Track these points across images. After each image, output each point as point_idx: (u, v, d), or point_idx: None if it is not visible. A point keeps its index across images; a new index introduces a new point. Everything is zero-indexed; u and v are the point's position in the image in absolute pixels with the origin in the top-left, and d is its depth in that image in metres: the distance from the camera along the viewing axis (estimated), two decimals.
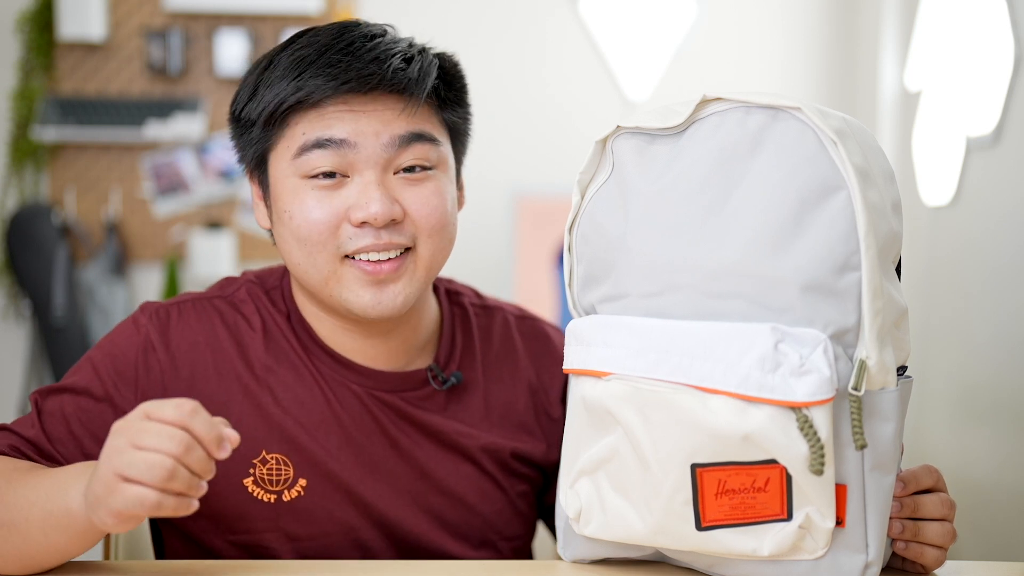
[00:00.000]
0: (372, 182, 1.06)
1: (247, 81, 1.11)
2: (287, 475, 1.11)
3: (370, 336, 1.14)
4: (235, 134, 1.13)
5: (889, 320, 0.87)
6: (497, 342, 1.24)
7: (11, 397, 3.34)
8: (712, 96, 0.91)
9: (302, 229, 1.07)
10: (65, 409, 1.08)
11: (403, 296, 1.09)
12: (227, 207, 3.42)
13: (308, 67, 1.05)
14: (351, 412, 1.13)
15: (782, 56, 3.60)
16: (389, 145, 1.07)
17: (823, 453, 0.82)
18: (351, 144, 1.06)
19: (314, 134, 1.06)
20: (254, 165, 1.12)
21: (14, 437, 1.07)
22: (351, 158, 1.06)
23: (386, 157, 1.07)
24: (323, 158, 1.06)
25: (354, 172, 1.07)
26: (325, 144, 1.05)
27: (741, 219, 0.88)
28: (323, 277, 1.08)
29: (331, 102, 1.05)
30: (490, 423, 1.19)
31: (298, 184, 1.07)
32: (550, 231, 3.47)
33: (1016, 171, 2.53)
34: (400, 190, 1.08)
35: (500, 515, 1.19)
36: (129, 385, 1.10)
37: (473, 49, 3.42)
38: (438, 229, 1.10)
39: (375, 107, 1.06)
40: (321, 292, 1.10)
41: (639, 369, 0.90)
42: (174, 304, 1.15)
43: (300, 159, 1.06)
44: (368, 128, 1.06)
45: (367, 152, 1.06)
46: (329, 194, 1.07)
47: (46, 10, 3.28)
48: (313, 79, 1.05)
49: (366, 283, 1.07)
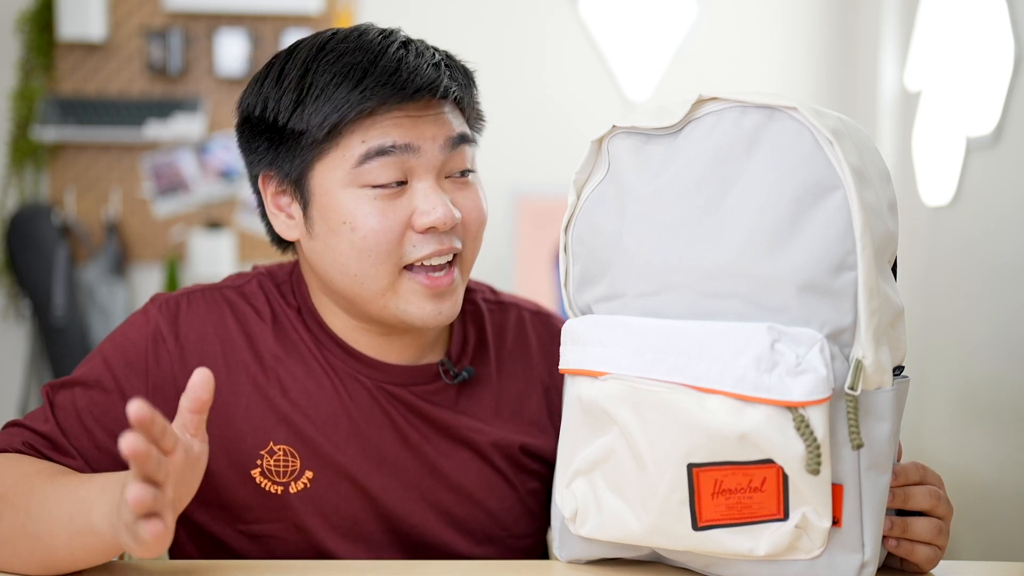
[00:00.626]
0: (433, 187, 1.07)
1: (283, 89, 1.07)
2: (294, 467, 1.11)
3: (388, 335, 1.15)
4: (266, 144, 1.09)
5: (885, 320, 0.87)
6: (511, 338, 1.24)
7: (11, 397, 3.34)
8: (708, 96, 0.91)
9: (368, 240, 1.06)
10: (77, 402, 1.09)
11: (457, 303, 1.11)
12: (227, 207, 3.42)
13: (365, 75, 1.04)
14: (360, 405, 1.13)
15: (782, 56, 3.60)
16: (444, 147, 1.08)
17: (819, 453, 0.82)
18: (414, 149, 1.06)
19: (376, 142, 1.05)
20: (295, 177, 1.08)
21: (27, 433, 1.07)
22: (411, 163, 1.06)
23: (442, 160, 1.08)
24: (385, 166, 1.05)
25: (413, 178, 1.07)
26: (389, 151, 1.05)
27: (737, 219, 0.88)
28: (380, 288, 1.08)
29: (386, 110, 1.05)
30: (501, 419, 1.19)
31: (357, 194, 1.06)
32: (550, 231, 3.47)
33: (1016, 171, 2.53)
34: (453, 194, 1.09)
35: (509, 512, 1.19)
36: (139, 375, 1.10)
37: (473, 49, 3.40)
38: (481, 232, 1.13)
39: (428, 111, 1.07)
40: (373, 304, 1.09)
41: (635, 369, 0.90)
42: (184, 295, 1.16)
43: (361, 168, 1.05)
44: (427, 132, 1.07)
45: (427, 156, 1.07)
46: (391, 202, 1.06)
47: (46, 10, 3.29)
48: (376, 88, 1.03)
49: (426, 296, 1.08)
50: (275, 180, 1.11)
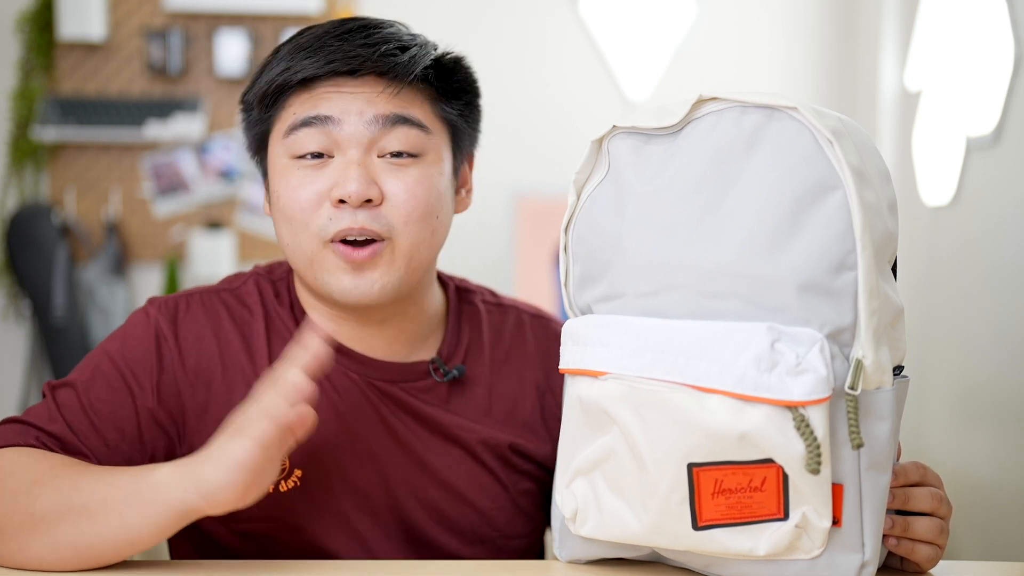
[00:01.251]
0: (353, 161, 1.08)
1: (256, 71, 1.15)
2: (283, 465, 1.11)
3: (365, 325, 1.15)
4: (242, 122, 1.17)
5: (885, 320, 0.87)
6: (508, 340, 1.24)
7: (11, 397, 3.34)
8: (708, 96, 0.91)
9: (287, 208, 1.10)
10: (83, 401, 1.09)
11: (380, 284, 1.09)
12: (227, 207, 3.42)
13: (302, 51, 1.09)
14: (349, 401, 1.14)
15: (782, 56, 3.60)
16: (372, 123, 1.08)
17: (820, 452, 0.82)
18: (336, 121, 1.08)
19: (303, 113, 1.09)
20: (255, 149, 1.16)
21: (36, 431, 1.06)
22: (335, 136, 1.08)
23: (369, 136, 1.08)
24: (309, 136, 1.08)
25: (338, 151, 1.09)
26: (311, 122, 1.08)
27: (737, 219, 0.88)
28: (307, 258, 1.10)
29: (321, 83, 1.09)
30: (492, 418, 1.19)
31: (288, 164, 1.10)
32: (550, 231, 3.47)
33: (1016, 171, 2.53)
34: (382, 174, 1.09)
35: (501, 512, 1.19)
36: (146, 372, 1.10)
37: (473, 49, 3.39)
38: (416, 218, 1.09)
39: (362, 88, 1.09)
40: (307, 274, 1.12)
41: (635, 369, 0.90)
42: (182, 297, 1.17)
43: (289, 138, 1.09)
44: (352, 106, 1.08)
45: (350, 129, 1.08)
46: (313, 173, 1.09)
47: (46, 10, 3.29)
48: (304, 60, 1.08)
49: (344, 268, 1.09)
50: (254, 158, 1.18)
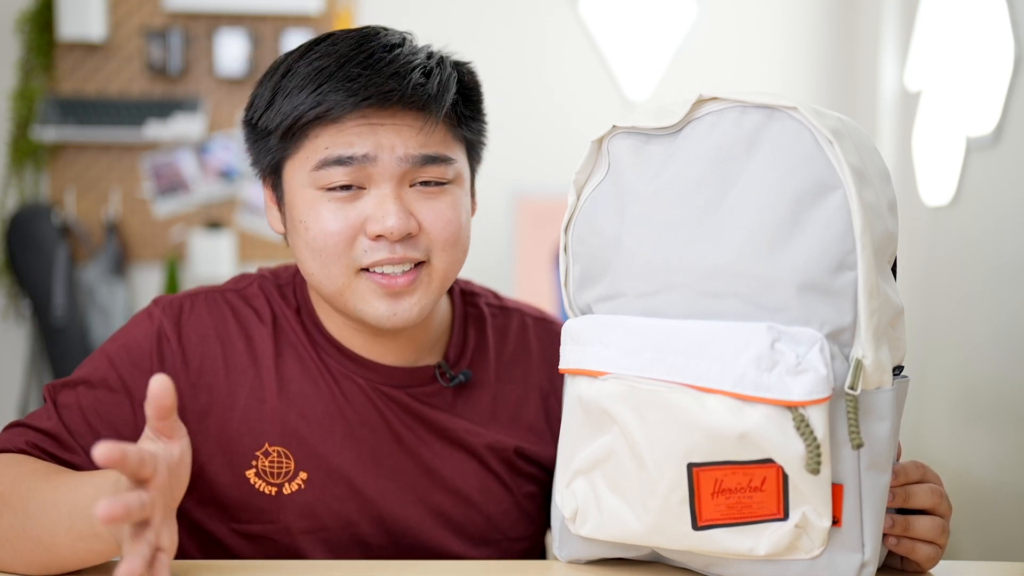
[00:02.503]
0: (388, 195, 1.06)
1: (263, 87, 1.10)
2: (288, 468, 1.11)
3: (379, 336, 1.15)
4: (250, 140, 1.13)
5: (885, 319, 0.87)
6: (512, 343, 1.24)
7: (11, 397, 3.34)
8: (708, 96, 0.91)
9: (318, 241, 1.07)
10: (81, 401, 1.09)
11: (418, 308, 1.09)
12: (227, 207, 3.42)
13: (327, 80, 1.04)
14: (356, 406, 1.14)
15: (782, 56, 3.60)
16: (403, 161, 1.06)
17: (819, 452, 0.82)
18: (370, 158, 1.05)
19: (336, 151, 1.05)
20: (269, 172, 1.12)
21: (30, 432, 1.07)
22: (368, 171, 1.06)
23: (401, 171, 1.06)
24: (341, 173, 1.05)
25: (371, 184, 1.07)
26: (347, 161, 1.05)
27: (737, 219, 0.88)
28: (338, 288, 1.08)
29: (350, 116, 1.05)
30: (497, 423, 1.19)
31: (315, 195, 1.07)
32: (550, 231, 3.47)
33: (1016, 171, 2.53)
34: (416, 203, 1.08)
35: (506, 515, 1.19)
36: (145, 375, 1.10)
37: (473, 49, 3.40)
38: (452, 242, 1.09)
39: (393, 121, 1.06)
40: (336, 300, 1.10)
41: (635, 368, 0.90)
42: (187, 297, 1.16)
43: (319, 172, 1.06)
44: (384, 141, 1.05)
45: (384, 166, 1.06)
46: (345, 206, 1.06)
47: (46, 10, 3.29)
48: (333, 94, 1.04)
49: (381, 295, 1.07)
50: (263, 176, 1.14)
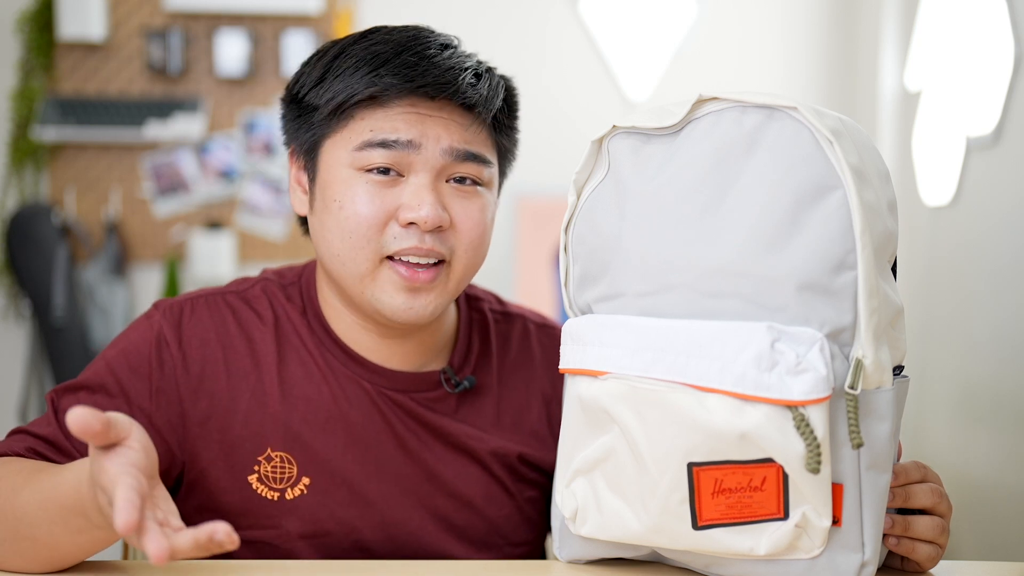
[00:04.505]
0: (426, 185, 1.07)
1: (313, 66, 1.11)
2: (290, 473, 1.11)
3: (388, 337, 1.15)
4: (290, 115, 1.13)
5: (885, 319, 0.87)
6: (515, 349, 1.24)
7: (11, 397, 3.34)
8: (708, 96, 0.91)
9: (350, 221, 1.07)
10: (81, 406, 1.08)
11: (434, 305, 1.09)
12: (227, 207, 3.42)
13: (384, 64, 1.06)
14: (359, 410, 1.13)
15: (782, 56, 3.60)
16: (447, 153, 1.07)
17: (820, 452, 0.82)
18: (415, 145, 1.06)
19: (381, 134, 1.06)
20: (305, 149, 1.12)
21: (30, 438, 1.07)
22: (411, 158, 1.07)
23: (442, 163, 1.08)
24: (383, 155, 1.06)
25: (410, 172, 1.07)
26: (391, 145, 1.06)
27: (737, 218, 0.88)
28: (360, 273, 1.08)
29: (399, 102, 1.06)
30: (501, 428, 1.19)
31: (352, 175, 1.07)
32: (550, 231, 3.47)
33: (1016, 171, 2.53)
34: (449, 199, 1.09)
35: (508, 520, 1.19)
36: (143, 380, 1.10)
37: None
38: (476, 244, 1.10)
39: (441, 114, 1.07)
40: (354, 288, 1.10)
41: (635, 368, 0.90)
42: (187, 300, 1.16)
43: (361, 153, 1.07)
44: (430, 131, 1.07)
45: (426, 155, 1.07)
46: (382, 190, 1.07)
47: (46, 10, 3.28)
48: (388, 77, 1.05)
49: (401, 287, 1.08)
50: (295, 154, 1.14)
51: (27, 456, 1.05)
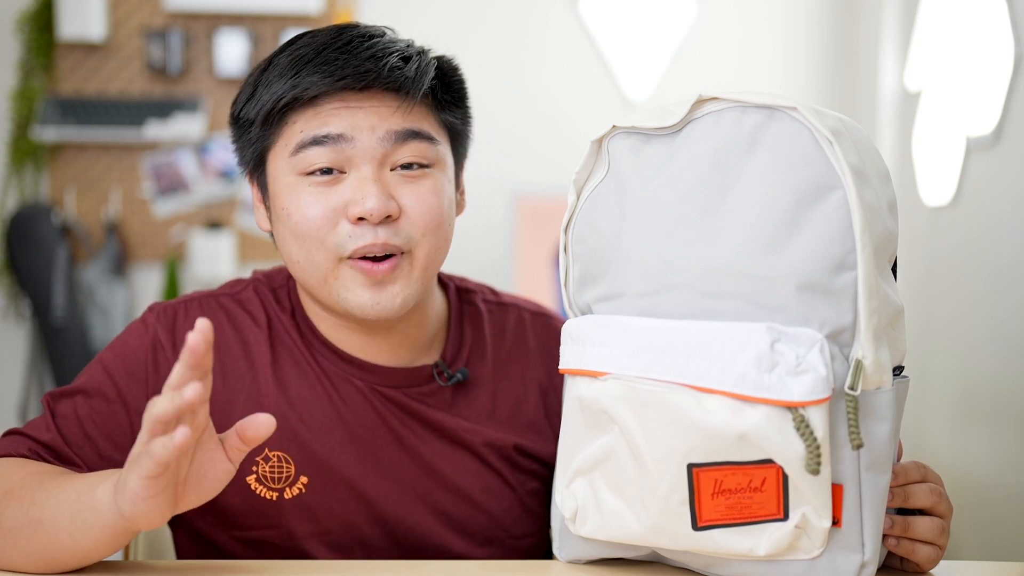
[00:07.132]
0: (368, 177, 1.06)
1: (247, 82, 1.12)
2: (288, 473, 1.11)
3: (371, 334, 1.15)
4: (235, 136, 1.14)
5: (885, 320, 0.87)
6: (510, 339, 1.24)
7: (11, 397, 3.34)
8: (708, 96, 0.91)
9: (300, 226, 1.07)
10: (79, 411, 1.09)
11: (401, 297, 1.09)
12: (227, 207, 3.42)
13: (305, 65, 1.06)
14: (354, 408, 1.13)
15: (782, 56, 3.60)
16: (384, 140, 1.07)
17: (819, 453, 0.82)
18: (347, 139, 1.06)
19: (311, 131, 1.06)
20: (253, 165, 1.12)
21: (30, 442, 1.07)
22: (348, 153, 1.06)
23: (382, 152, 1.07)
24: (320, 155, 1.06)
25: (351, 168, 1.07)
26: (322, 141, 1.06)
27: (737, 218, 0.88)
28: (321, 275, 1.08)
29: (327, 99, 1.06)
30: (497, 420, 1.19)
31: (295, 181, 1.07)
32: (550, 231, 3.47)
33: (1016, 171, 2.53)
34: (397, 187, 1.08)
35: (508, 512, 1.19)
36: (140, 384, 1.10)
37: (472, 49, 3.42)
38: (433, 228, 1.09)
39: (371, 103, 1.07)
40: (320, 291, 1.10)
41: (635, 369, 0.90)
42: (181, 303, 1.16)
43: (297, 156, 1.07)
44: (364, 123, 1.06)
45: (363, 146, 1.06)
46: (326, 190, 1.07)
47: (46, 10, 3.29)
48: (309, 76, 1.05)
49: (364, 284, 1.07)
50: (249, 173, 1.15)
51: (31, 458, 1.06)
